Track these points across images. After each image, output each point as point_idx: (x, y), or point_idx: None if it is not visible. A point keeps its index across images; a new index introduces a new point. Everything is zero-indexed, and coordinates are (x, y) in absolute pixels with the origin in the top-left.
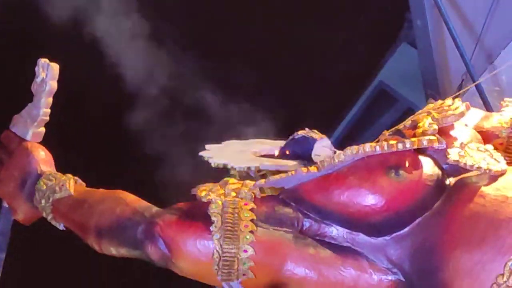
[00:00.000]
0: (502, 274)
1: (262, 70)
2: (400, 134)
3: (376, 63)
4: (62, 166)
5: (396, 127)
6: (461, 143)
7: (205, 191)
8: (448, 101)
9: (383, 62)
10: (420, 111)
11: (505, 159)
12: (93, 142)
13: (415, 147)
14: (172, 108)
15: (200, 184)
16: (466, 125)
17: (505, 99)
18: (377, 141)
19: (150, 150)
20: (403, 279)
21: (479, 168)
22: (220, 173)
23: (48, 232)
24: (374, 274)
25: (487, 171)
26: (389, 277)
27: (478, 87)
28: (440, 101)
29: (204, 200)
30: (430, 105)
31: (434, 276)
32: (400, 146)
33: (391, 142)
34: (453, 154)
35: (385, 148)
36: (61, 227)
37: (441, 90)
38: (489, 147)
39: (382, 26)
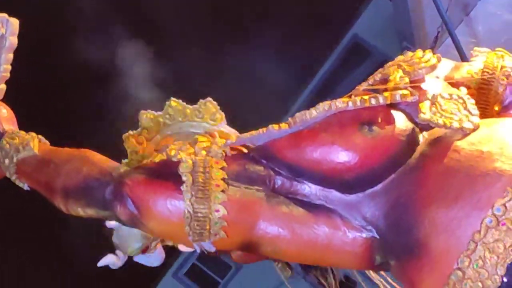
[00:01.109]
0: (479, 231)
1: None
2: (374, 92)
3: (351, 16)
4: (25, 124)
5: (366, 81)
6: (433, 95)
7: (174, 150)
8: (419, 53)
9: (357, 15)
10: (390, 63)
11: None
12: (57, 100)
13: (388, 102)
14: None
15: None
16: (437, 77)
17: (475, 48)
18: (350, 97)
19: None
20: (378, 237)
21: (451, 127)
22: None
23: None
24: (348, 232)
25: (460, 130)
26: (363, 235)
27: (454, 39)
28: (410, 53)
29: (174, 159)
30: (400, 57)
31: (409, 233)
32: (373, 101)
33: (364, 97)
34: (425, 111)
35: (358, 103)
36: (25, 187)
37: (416, 42)
38: (463, 91)
39: None
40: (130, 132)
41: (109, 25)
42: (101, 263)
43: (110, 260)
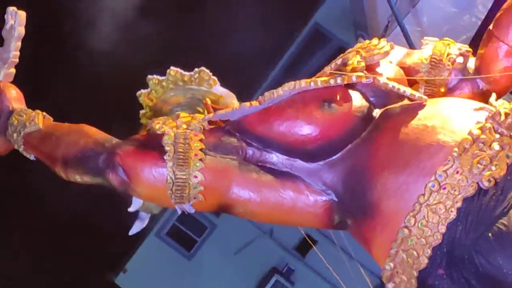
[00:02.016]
0: (423, 194)
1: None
2: (332, 73)
3: (313, 6)
4: (31, 103)
5: (326, 68)
6: (387, 78)
7: (159, 124)
8: (375, 40)
9: (318, 5)
10: (349, 49)
11: (425, 91)
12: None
13: (345, 82)
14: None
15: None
16: (391, 62)
17: (425, 37)
18: (311, 78)
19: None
20: (336, 199)
21: (404, 91)
22: None
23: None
24: (310, 196)
25: (412, 95)
26: (324, 198)
27: (402, 29)
28: (367, 41)
29: (159, 132)
30: (359, 44)
31: (363, 196)
32: (332, 81)
33: (324, 78)
34: (382, 79)
35: (319, 83)
36: (31, 157)
37: (369, 30)
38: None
39: None
40: (142, 91)
41: None
42: (133, 231)
43: (139, 226)
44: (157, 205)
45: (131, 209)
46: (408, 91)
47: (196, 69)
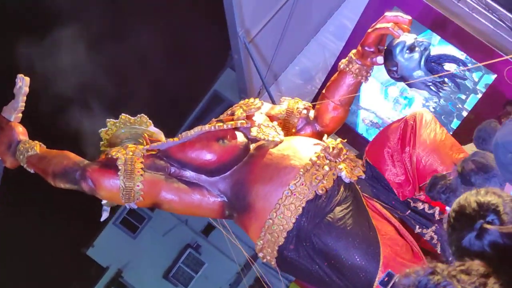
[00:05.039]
0: (281, 198)
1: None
2: (220, 121)
3: (213, 78)
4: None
5: (221, 116)
6: (259, 124)
7: (115, 152)
8: (252, 99)
9: (216, 78)
10: (236, 104)
11: (282, 131)
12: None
13: (234, 127)
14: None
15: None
16: (261, 113)
17: (282, 97)
18: (211, 124)
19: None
20: (227, 201)
21: (267, 140)
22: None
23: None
24: (210, 198)
25: (272, 141)
26: (219, 199)
27: (269, 93)
28: (247, 100)
29: (114, 157)
30: (242, 101)
31: (244, 199)
32: (225, 126)
33: (220, 124)
34: (253, 132)
35: (217, 127)
36: (32, 171)
37: (248, 94)
38: (275, 123)
39: (216, 57)
40: (103, 129)
41: None
42: (103, 218)
43: (105, 215)
44: (112, 203)
45: (102, 218)
46: (270, 137)
47: (139, 115)
